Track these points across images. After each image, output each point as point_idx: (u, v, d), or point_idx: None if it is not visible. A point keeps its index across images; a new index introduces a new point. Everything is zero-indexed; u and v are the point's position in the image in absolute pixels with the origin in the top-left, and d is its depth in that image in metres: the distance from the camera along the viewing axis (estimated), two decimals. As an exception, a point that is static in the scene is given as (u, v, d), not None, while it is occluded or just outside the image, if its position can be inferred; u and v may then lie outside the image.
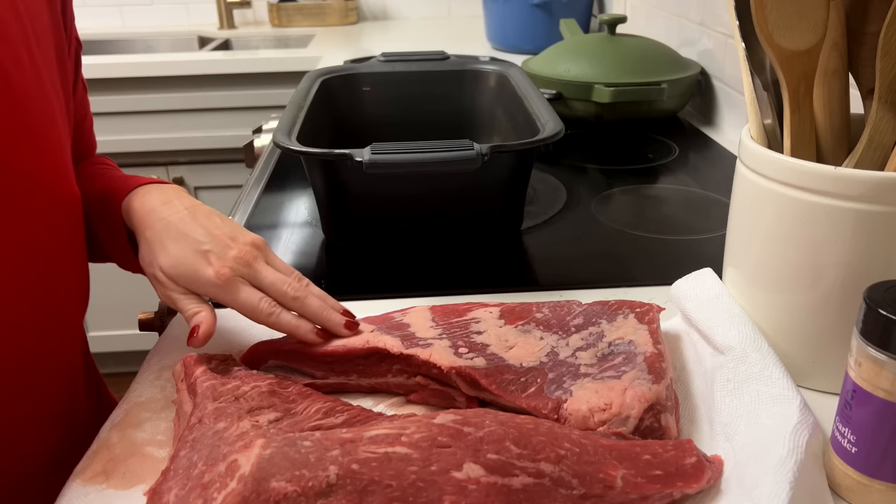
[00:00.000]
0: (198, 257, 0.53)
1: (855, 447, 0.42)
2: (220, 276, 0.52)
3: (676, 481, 0.41)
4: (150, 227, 0.55)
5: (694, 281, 0.59)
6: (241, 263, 0.53)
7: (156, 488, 0.41)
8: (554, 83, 1.17)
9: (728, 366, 0.50)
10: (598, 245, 0.78)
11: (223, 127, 1.83)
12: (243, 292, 0.53)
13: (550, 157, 1.05)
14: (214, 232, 0.54)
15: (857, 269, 0.48)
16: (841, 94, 0.53)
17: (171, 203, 0.57)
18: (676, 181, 0.96)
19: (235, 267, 0.53)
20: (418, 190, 0.73)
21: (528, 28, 1.73)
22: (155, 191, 0.59)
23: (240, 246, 0.54)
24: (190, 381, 0.49)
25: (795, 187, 0.48)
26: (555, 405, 0.47)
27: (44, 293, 0.55)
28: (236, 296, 0.53)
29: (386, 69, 1.01)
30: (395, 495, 0.38)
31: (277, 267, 0.55)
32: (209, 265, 0.53)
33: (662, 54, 1.19)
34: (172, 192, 0.58)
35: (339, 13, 2.27)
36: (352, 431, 0.41)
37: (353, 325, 0.54)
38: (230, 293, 0.53)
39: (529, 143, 0.71)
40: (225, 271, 0.52)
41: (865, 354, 0.40)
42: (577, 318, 0.55)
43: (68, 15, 0.61)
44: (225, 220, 0.56)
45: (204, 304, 0.54)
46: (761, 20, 0.48)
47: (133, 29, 2.32)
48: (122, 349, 1.90)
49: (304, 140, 0.74)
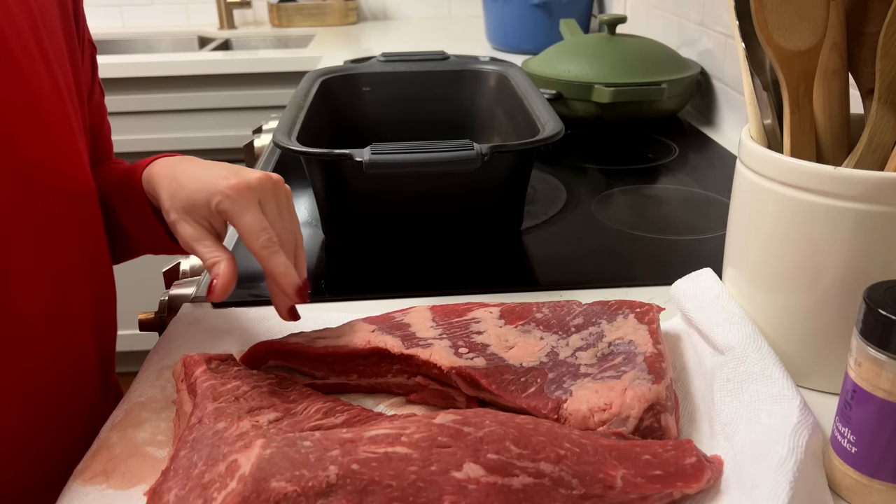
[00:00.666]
0: (217, 179, 0.53)
1: (855, 447, 0.42)
2: (234, 187, 0.51)
3: (676, 481, 0.41)
4: (169, 175, 0.56)
5: (694, 281, 0.59)
6: (259, 185, 0.53)
7: (156, 488, 0.41)
8: (554, 83, 1.17)
9: (728, 366, 0.50)
10: (598, 245, 0.78)
11: (223, 127, 1.83)
12: (251, 212, 0.52)
13: (550, 157, 1.05)
14: (235, 168, 0.55)
15: (857, 269, 0.48)
16: (841, 94, 0.53)
17: (189, 160, 0.58)
18: (676, 181, 0.96)
19: (253, 184, 0.52)
20: (418, 190, 0.73)
21: (528, 28, 1.73)
22: (174, 156, 0.60)
23: (262, 173, 0.54)
24: (190, 381, 0.49)
25: (795, 187, 0.48)
26: (555, 405, 0.47)
27: (60, 282, 0.55)
28: (244, 211, 0.51)
29: (386, 69, 1.01)
30: (395, 495, 0.38)
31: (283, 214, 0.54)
32: (227, 179, 0.52)
33: (662, 54, 1.19)
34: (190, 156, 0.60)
35: (339, 13, 2.27)
36: (352, 431, 0.41)
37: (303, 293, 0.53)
38: (239, 206, 0.51)
39: (529, 143, 0.71)
40: (241, 184, 0.52)
41: (865, 354, 0.40)
42: (577, 318, 0.55)
43: (80, 18, 0.61)
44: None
45: (223, 249, 0.53)
46: (761, 20, 0.48)
47: (133, 29, 2.32)
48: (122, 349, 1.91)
49: (304, 140, 0.74)
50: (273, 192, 0.54)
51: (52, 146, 0.53)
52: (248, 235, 0.51)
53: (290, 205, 0.55)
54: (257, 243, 0.51)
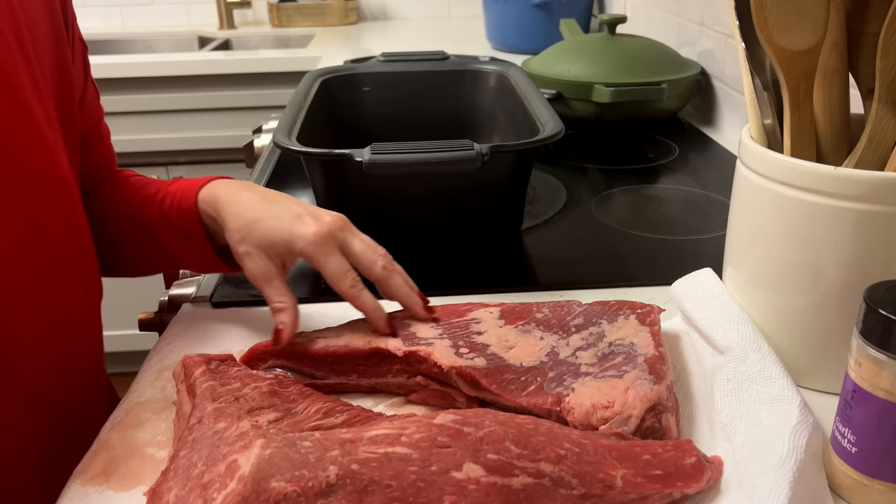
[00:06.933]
0: (293, 220, 0.54)
1: (855, 447, 0.42)
2: (319, 234, 0.53)
3: (676, 481, 0.41)
4: (239, 204, 0.57)
5: (694, 281, 0.59)
6: (337, 227, 0.54)
7: (156, 488, 0.41)
8: (554, 83, 1.17)
9: (728, 366, 0.50)
10: (598, 245, 0.78)
11: (223, 127, 1.83)
12: (335, 256, 0.54)
13: (550, 157, 1.05)
14: (304, 205, 0.56)
15: (857, 269, 0.48)
16: (841, 94, 0.53)
17: (253, 188, 0.59)
18: (676, 181, 0.96)
19: (332, 228, 0.54)
20: (418, 190, 0.73)
21: (528, 28, 1.73)
22: (233, 181, 0.61)
23: (332, 215, 0.56)
24: (189, 382, 0.49)
25: (795, 187, 0.48)
26: (555, 399, 0.47)
27: (47, 279, 0.55)
28: (328, 257, 0.53)
29: (386, 69, 1.01)
30: (395, 495, 0.38)
31: (364, 240, 0.56)
32: (305, 225, 0.54)
33: (662, 54, 1.19)
34: (250, 183, 0.61)
35: (339, 13, 2.27)
36: (352, 431, 0.41)
37: (431, 309, 0.56)
38: (324, 253, 0.53)
39: (529, 143, 0.71)
40: (324, 230, 0.53)
41: (865, 354, 0.40)
42: (578, 319, 0.55)
43: (69, 15, 0.61)
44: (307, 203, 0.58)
45: (289, 295, 0.55)
46: (761, 20, 0.48)
47: (133, 29, 2.32)
48: (122, 349, 1.91)
49: (304, 140, 0.74)
50: (348, 229, 0.56)
51: (33, 141, 0.53)
52: (335, 279, 0.54)
53: (363, 234, 0.57)
54: (345, 285, 0.54)
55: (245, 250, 0.55)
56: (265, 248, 0.55)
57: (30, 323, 0.54)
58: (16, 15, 0.53)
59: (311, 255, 0.54)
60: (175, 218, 0.60)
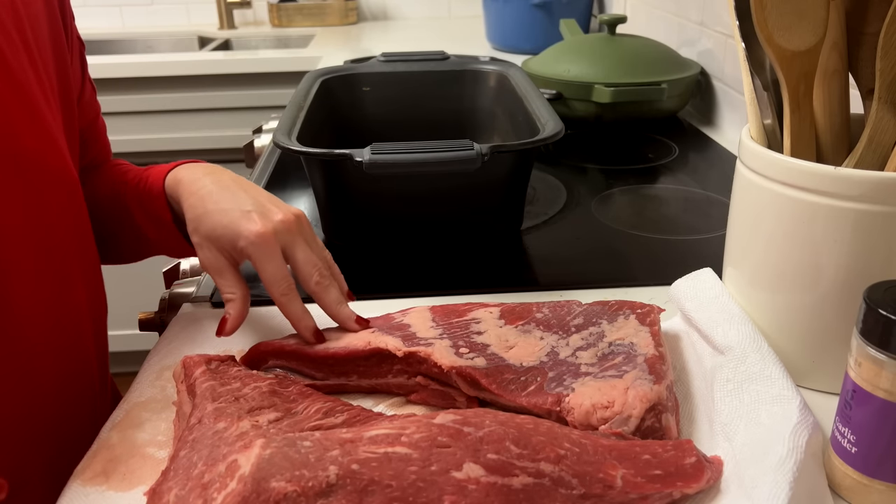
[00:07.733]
0: (241, 216, 0.54)
1: (855, 447, 0.42)
2: (260, 235, 0.53)
3: (676, 481, 0.41)
4: (195, 193, 0.57)
5: (694, 281, 0.59)
6: (283, 228, 0.54)
7: (156, 488, 0.41)
8: (554, 83, 1.17)
9: (728, 366, 0.50)
10: (598, 245, 0.78)
11: (223, 127, 1.83)
12: (274, 261, 0.53)
13: (550, 157, 1.05)
14: (258, 198, 0.56)
15: (857, 269, 0.48)
16: (841, 94, 0.53)
17: (215, 173, 0.59)
18: (676, 181, 0.96)
19: (279, 229, 0.54)
20: (418, 190, 0.73)
21: (528, 28, 1.73)
22: (198, 165, 0.61)
23: (284, 212, 0.55)
24: (189, 382, 0.49)
25: (795, 187, 0.48)
26: (555, 399, 0.47)
27: (54, 277, 0.55)
28: (268, 261, 0.53)
29: (386, 69, 1.01)
30: (395, 495, 0.38)
31: (311, 246, 0.56)
32: (251, 223, 0.53)
33: (662, 54, 1.19)
34: (215, 167, 0.61)
35: (339, 13, 2.27)
36: (352, 431, 0.41)
37: (364, 321, 0.55)
38: (265, 255, 0.53)
39: (529, 143, 0.71)
40: (268, 231, 0.53)
41: (865, 354, 0.40)
42: (578, 318, 0.55)
43: (67, 14, 0.61)
44: (266, 192, 0.58)
45: (238, 285, 0.55)
46: (761, 20, 0.48)
47: (133, 29, 2.32)
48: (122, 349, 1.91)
49: (304, 140, 0.74)
50: (298, 230, 0.55)
51: (41, 137, 0.53)
52: (269, 284, 0.53)
53: (314, 234, 0.57)
54: (277, 291, 0.53)
55: (197, 241, 0.56)
56: (213, 242, 0.55)
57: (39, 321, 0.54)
58: (18, 13, 0.53)
59: (250, 256, 0.53)
60: (147, 203, 0.61)
